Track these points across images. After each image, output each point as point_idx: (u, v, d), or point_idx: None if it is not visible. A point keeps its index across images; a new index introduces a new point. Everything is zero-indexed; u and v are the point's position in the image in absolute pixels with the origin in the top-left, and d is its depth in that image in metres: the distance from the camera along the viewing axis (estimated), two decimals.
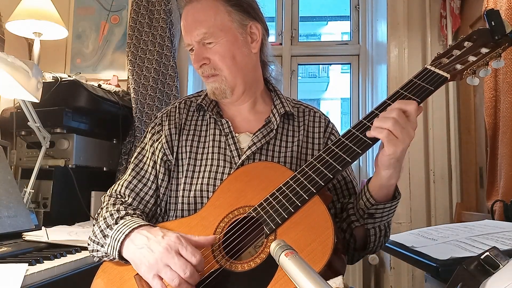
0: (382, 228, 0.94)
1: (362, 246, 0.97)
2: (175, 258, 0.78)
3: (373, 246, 0.96)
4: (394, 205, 0.90)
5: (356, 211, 0.93)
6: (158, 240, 0.82)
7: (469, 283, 0.61)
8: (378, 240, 0.95)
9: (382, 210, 0.89)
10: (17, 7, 2.00)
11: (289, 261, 0.50)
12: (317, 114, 1.12)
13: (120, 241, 0.86)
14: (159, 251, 0.79)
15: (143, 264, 0.81)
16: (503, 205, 1.57)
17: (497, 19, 0.86)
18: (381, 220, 0.91)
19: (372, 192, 0.88)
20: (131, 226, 0.87)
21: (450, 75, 0.87)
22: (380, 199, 0.88)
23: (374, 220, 0.91)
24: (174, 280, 0.77)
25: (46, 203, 1.76)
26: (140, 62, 2.32)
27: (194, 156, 1.03)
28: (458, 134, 2.25)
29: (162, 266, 0.78)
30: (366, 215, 0.90)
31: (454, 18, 2.22)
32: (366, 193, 0.89)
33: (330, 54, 2.81)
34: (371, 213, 0.90)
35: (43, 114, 1.73)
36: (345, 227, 0.96)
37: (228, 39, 1.00)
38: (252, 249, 0.86)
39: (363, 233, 0.94)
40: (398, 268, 2.23)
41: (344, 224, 0.96)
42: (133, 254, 0.84)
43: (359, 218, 0.92)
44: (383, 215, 0.90)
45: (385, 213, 0.90)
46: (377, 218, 0.91)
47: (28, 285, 1.01)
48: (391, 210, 0.90)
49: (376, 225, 0.92)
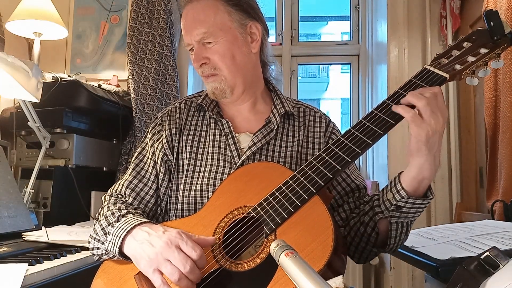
0: (404, 225, 0.90)
1: (382, 242, 0.93)
2: (175, 252, 0.78)
3: (393, 242, 0.92)
4: (425, 204, 0.86)
5: (382, 203, 0.89)
6: (159, 235, 0.82)
7: (469, 283, 0.61)
8: (399, 237, 0.92)
9: (412, 205, 0.85)
10: (17, 7, 2.00)
11: (289, 261, 0.50)
12: (318, 114, 1.12)
13: (121, 238, 0.86)
14: (160, 245, 0.79)
15: (143, 259, 0.81)
16: (503, 205, 1.58)
17: (496, 19, 0.86)
18: (406, 217, 0.87)
19: (403, 184, 0.84)
20: (133, 223, 0.88)
21: (450, 75, 0.87)
22: (411, 193, 0.84)
23: (400, 215, 0.87)
24: (174, 274, 0.76)
25: (46, 203, 1.76)
26: (140, 62, 2.32)
27: (194, 156, 1.04)
28: (458, 134, 2.25)
29: (162, 260, 0.78)
30: (393, 207, 0.86)
31: (454, 18, 2.22)
32: (397, 184, 0.85)
33: (330, 54, 2.82)
34: (399, 205, 0.85)
35: (43, 114, 1.73)
36: (367, 220, 0.92)
37: (228, 39, 1.00)
38: (252, 249, 0.86)
39: (386, 227, 0.91)
40: (398, 268, 2.23)
41: (366, 217, 0.93)
42: (134, 249, 0.84)
43: (384, 210, 0.88)
44: (410, 211, 0.86)
45: (413, 209, 0.86)
46: (403, 213, 0.86)
47: (28, 285, 1.01)
48: (419, 208, 0.86)
49: (400, 220, 0.88)
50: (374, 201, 0.92)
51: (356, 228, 0.95)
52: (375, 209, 0.91)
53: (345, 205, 1.02)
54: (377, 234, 0.92)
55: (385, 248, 0.94)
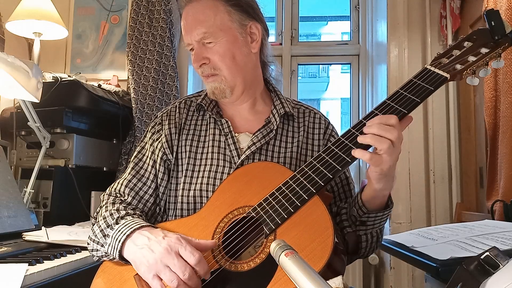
0: (374, 234, 0.95)
1: (354, 251, 0.98)
2: (175, 259, 0.78)
3: (364, 251, 0.97)
4: (386, 214, 0.91)
5: (348, 217, 0.95)
6: (158, 241, 0.82)
7: (469, 283, 0.61)
8: (370, 246, 0.97)
9: (374, 218, 0.91)
10: (17, 7, 2.00)
11: (289, 261, 0.50)
12: (317, 115, 1.12)
13: (121, 241, 0.86)
14: (159, 251, 0.79)
15: (143, 264, 0.81)
16: (503, 205, 1.57)
17: (496, 19, 0.86)
18: (373, 227, 0.93)
19: (364, 201, 0.89)
20: (133, 227, 0.87)
21: (450, 75, 0.87)
22: (373, 208, 0.89)
23: (366, 227, 0.93)
24: (173, 281, 0.77)
25: (46, 203, 1.76)
26: (140, 62, 2.32)
27: (194, 156, 1.04)
28: (458, 134, 2.25)
29: (162, 266, 0.78)
30: (358, 222, 0.92)
31: (454, 18, 2.22)
32: (358, 201, 0.90)
33: (330, 54, 2.81)
34: (363, 220, 0.91)
35: (43, 114, 1.73)
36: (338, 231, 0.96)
37: (228, 39, 1.00)
38: (252, 249, 0.86)
39: (355, 239, 0.95)
40: (398, 268, 2.23)
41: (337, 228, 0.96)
42: (134, 254, 0.84)
43: (351, 224, 0.94)
44: (375, 222, 0.92)
45: (377, 221, 0.92)
46: (369, 225, 0.92)
47: (28, 285, 1.01)
48: (383, 218, 0.92)
49: (368, 231, 0.94)
50: (342, 215, 0.96)
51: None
52: (343, 223, 0.95)
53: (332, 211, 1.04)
54: (347, 245, 0.96)
55: (357, 256, 0.99)
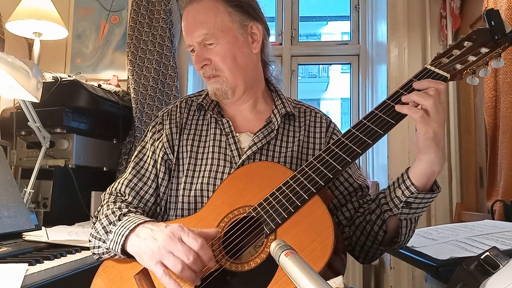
0: (413, 220, 0.90)
1: (390, 239, 0.94)
2: (178, 244, 0.78)
3: (403, 239, 0.92)
4: (433, 198, 0.87)
5: (390, 200, 0.89)
6: (161, 229, 0.82)
7: (469, 283, 0.61)
8: (408, 234, 0.92)
9: (421, 200, 0.86)
10: (17, 7, 2.00)
11: (289, 261, 0.50)
12: (318, 115, 1.12)
13: (124, 236, 0.86)
14: (162, 238, 0.80)
15: (146, 254, 0.81)
16: (503, 205, 1.58)
17: (497, 19, 0.86)
18: (415, 212, 0.88)
19: (413, 179, 0.85)
20: (136, 222, 0.88)
21: (450, 75, 0.87)
22: (421, 187, 0.85)
23: (409, 211, 0.87)
24: (177, 265, 0.76)
25: (46, 203, 1.76)
26: (140, 62, 2.32)
27: (195, 156, 1.04)
28: (458, 134, 2.25)
29: (165, 253, 0.78)
30: (402, 204, 0.86)
31: (454, 18, 2.22)
32: (406, 180, 0.86)
33: (330, 54, 2.82)
34: (409, 202, 0.86)
35: (43, 114, 1.73)
36: (374, 218, 0.92)
37: (229, 40, 1.00)
38: (252, 249, 0.86)
39: (396, 224, 0.91)
40: (398, 268, 2.23)
41: (373, 216, 0.92)
42: (138, 246, 0.84)
43: (393, 208, 0.88)
44: (419, 206, 0.87)
45: (421, 205, 0.87)
46: (413, 208, 0.87)
47: (28, 285, 1.01)
48: (428, 202, 0.87)
49: (409, 216, 0.89)
50: (381, 199, 0.91)
51: (362, 227, 0.95)
52: (383, 207, 0.90)
53: (348, 204, 1.02)
54: (385, 232, 0.92)
55: (393, 246, 0.95)
